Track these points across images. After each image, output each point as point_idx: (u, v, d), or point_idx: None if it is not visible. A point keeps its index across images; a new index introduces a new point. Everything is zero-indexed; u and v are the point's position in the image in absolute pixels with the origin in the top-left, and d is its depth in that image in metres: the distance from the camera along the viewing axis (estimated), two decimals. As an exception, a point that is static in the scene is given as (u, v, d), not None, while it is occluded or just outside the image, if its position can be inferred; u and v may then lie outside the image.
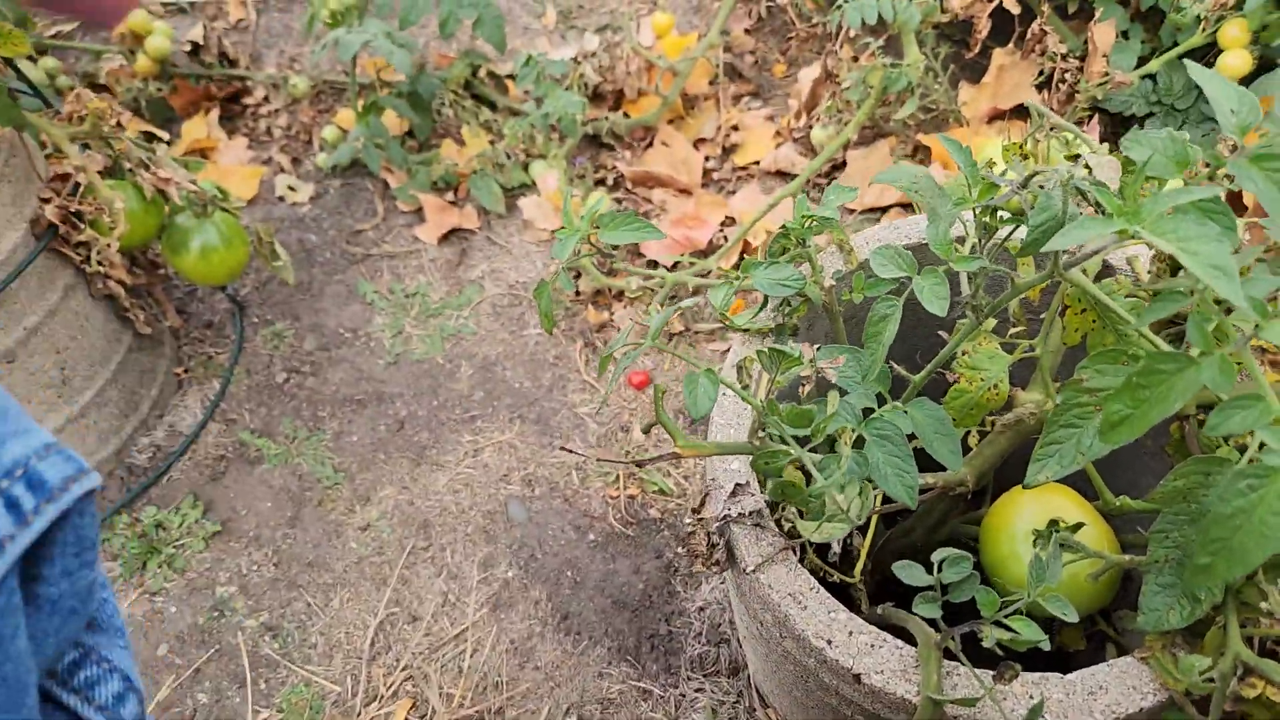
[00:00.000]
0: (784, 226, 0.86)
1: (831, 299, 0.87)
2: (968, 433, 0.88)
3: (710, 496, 0.81)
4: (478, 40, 1.89)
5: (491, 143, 1.93)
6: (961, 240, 0.93)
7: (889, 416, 0.74)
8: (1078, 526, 0.74)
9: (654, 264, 1.75)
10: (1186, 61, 0.60)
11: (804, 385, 0.73)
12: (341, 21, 1.73)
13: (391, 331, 1.77)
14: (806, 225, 0.84)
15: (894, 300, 0.74)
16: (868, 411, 0.76)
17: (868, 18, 1.48)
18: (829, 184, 1.84)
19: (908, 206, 1.74)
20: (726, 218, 1.80)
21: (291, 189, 1.98)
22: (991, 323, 0.83)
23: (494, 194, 1.86)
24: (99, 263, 1.34)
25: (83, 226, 1.32)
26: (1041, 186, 0.69)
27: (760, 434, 0.69)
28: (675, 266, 1.72)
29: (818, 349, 0.73)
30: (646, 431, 0.73)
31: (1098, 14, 1.62)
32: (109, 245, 1.31)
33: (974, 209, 0.72)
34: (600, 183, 1.91)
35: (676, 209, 1.83)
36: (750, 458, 0.78)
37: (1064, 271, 0.69)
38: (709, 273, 1.71)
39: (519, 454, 1.60)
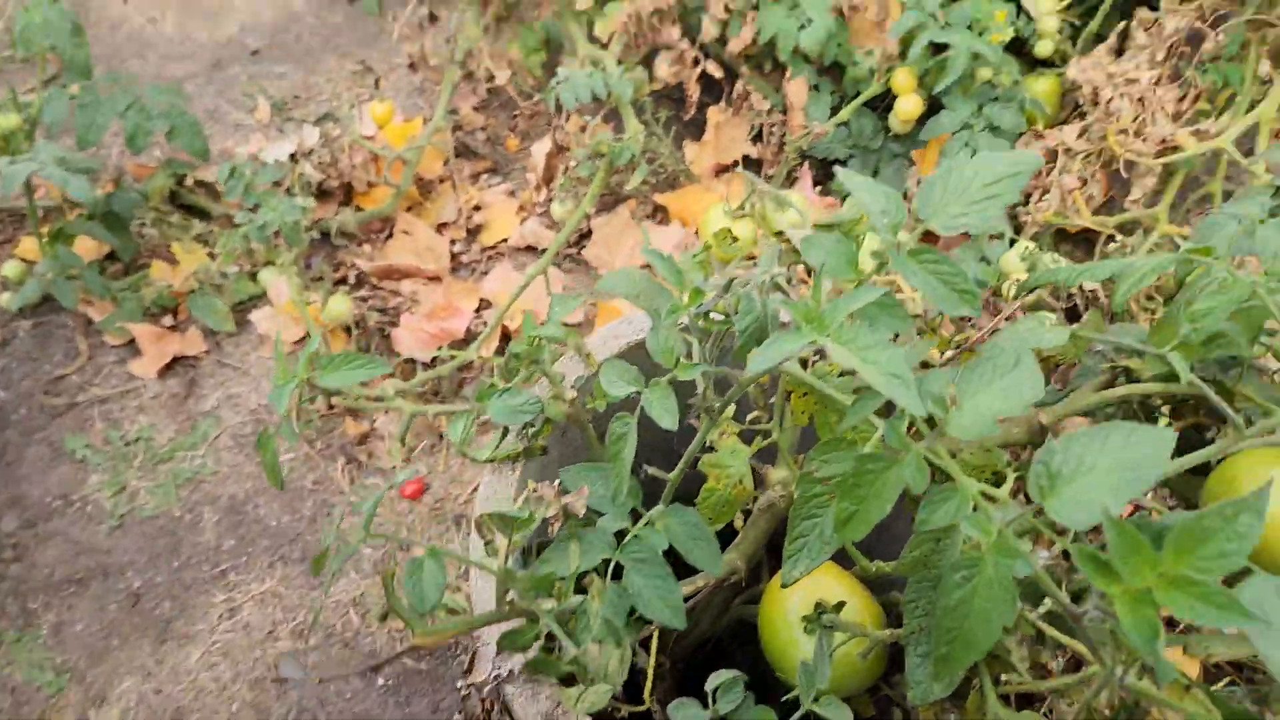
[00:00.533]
0: (512, 353, 0.83)
1: (576, 410, 0.85)
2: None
3: (478, 655, 0.75)
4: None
5: (211, 255, 1.77)
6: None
7: (643, 536, 0.72)
8: (840, 606, 0.75)
9: (411, 361, 1.66)
10: (838, 170, 0.62)
11: (553, 523, 0.70)
12: (6, 148, 1.52)
13: (112, 489, 1.55)
14: (536, 344, 0.80)
15: (628, 417, 0.72)
16: (623, 533, 0.73)
17: (581, 97, 1.50)
18: (579, 253, 1.86)
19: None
20: (481, 301, 1.75)
21: (-33, 340, 1.70)
22: (733, 410, 0.84)
23: (219, 312, 1.69)
24: None
25: None
26: (745, 285, 0.70)
27: (508, 600, 0.64)
28: (434, 361, 1.64)
29: (559, 485, 0.69)
30: (383, 620, 0.65)
31: (789, 72, 1.74)
32: None
33: (687, 314, 0.72)
34: (342, 281, 1.79)
35: (428, 298, 1.76)
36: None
37: (782, 367, 0.70)
38: (470, 364, 1.65)
39: (285, 602, 1.44)
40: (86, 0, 2.38)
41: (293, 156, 1.98)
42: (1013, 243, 1.29)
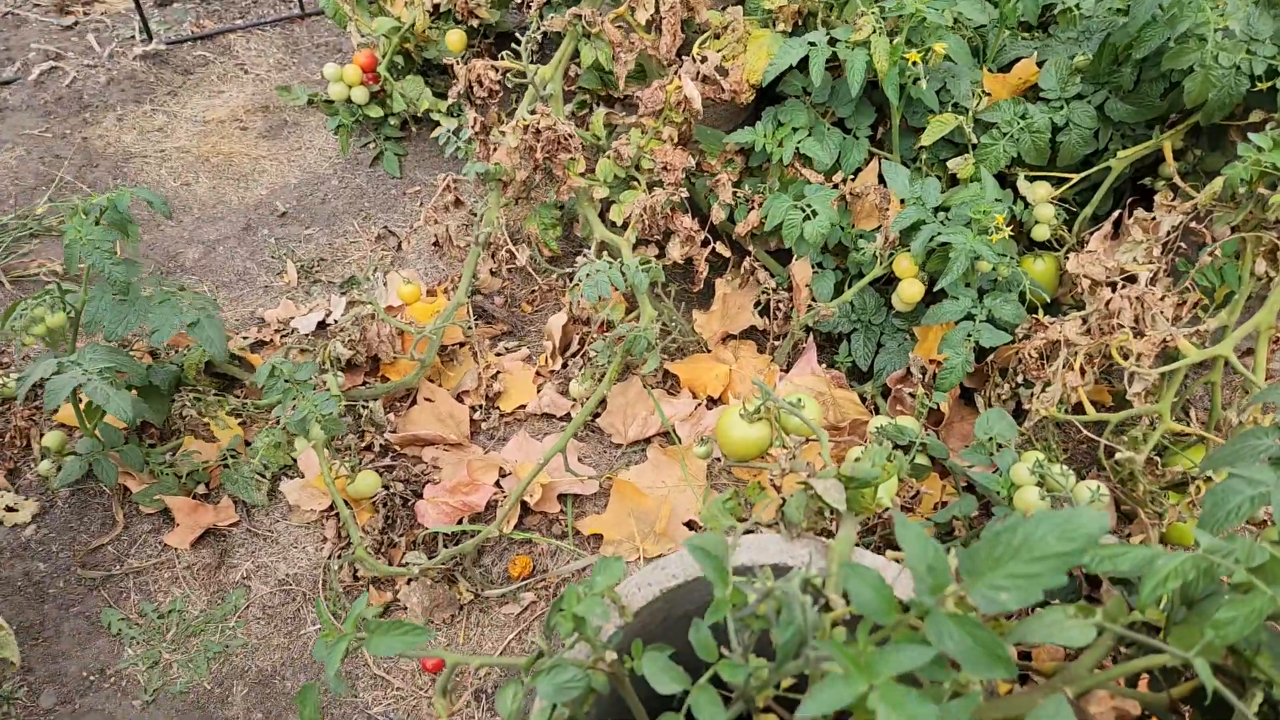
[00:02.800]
0: (560, 608, 0.85)
1: (616, 671, 0.86)
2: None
3: None
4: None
5: (243, 425, 1.79)
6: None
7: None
8: None
9: (435, 536, 1.67)
10: (896, 518, 0.65)
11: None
12: (53, 342, 1.55)
13: (146, 663, 1.54)
14: (580, 620, 0.83)
15: (674, 717, 0.74)
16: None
17: (603, 293, 1.55)
18: (593, 421, 1.89)
19: (666, 435, 1.81)
20: (501, 473, 1.77)
21: (10, 509, 1.71)
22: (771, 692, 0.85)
23: (250, 486, 1.71)
24: None
25: None
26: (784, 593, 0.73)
27: None
28: (458, 539, 1.65)
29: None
30: None
31: (794, 253, 1.81)
32: None
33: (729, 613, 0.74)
34: (367, 449, 1.82)
35: (450, 466, 1.78)
36: None
37: (818, 665, 0.73)
38: (497, 537, 1.66)
39: (314, 782, 1.42)
40: (124, 165, 2.46)
41: (321, 324, 2.03)
42: (1020, 449, 1.32)
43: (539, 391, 1.90)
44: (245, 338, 2.01)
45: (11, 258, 2.17)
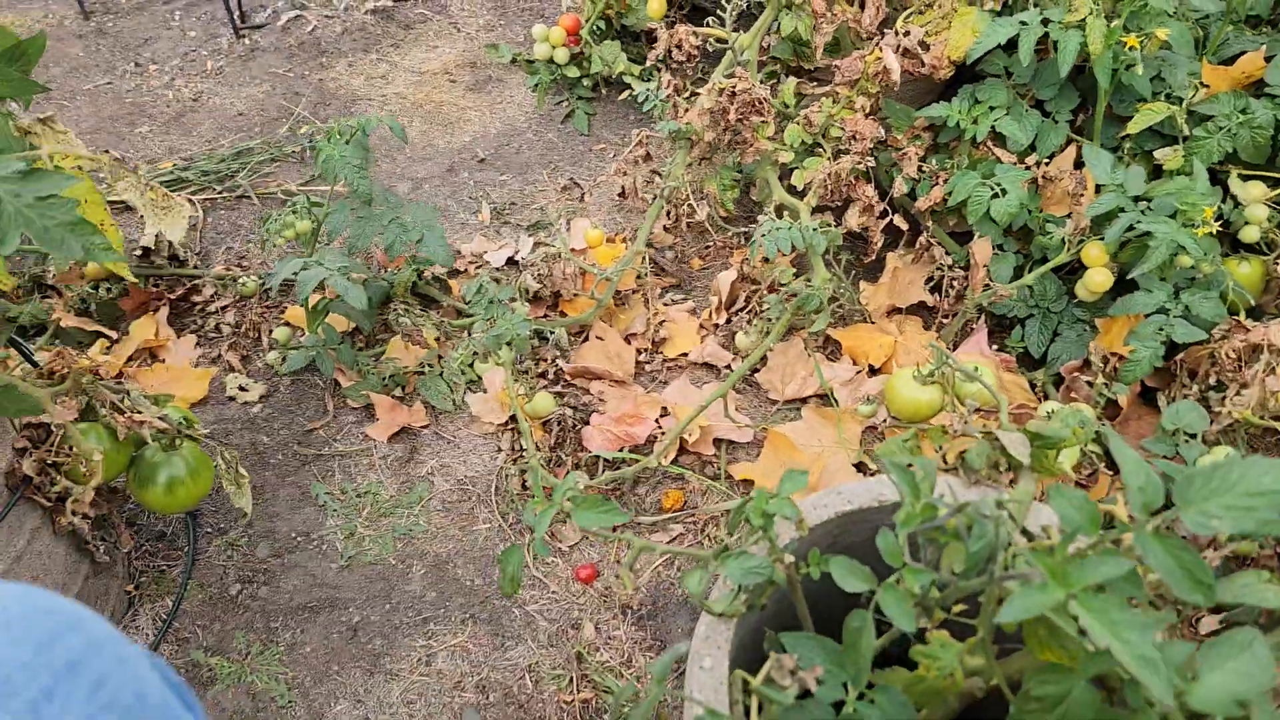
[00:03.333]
0: (742, 511, 0.90)
1: (792, 574, 0.91)
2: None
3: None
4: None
5: (438, 340, 1.95)
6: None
7: (862, 712, 0.77)
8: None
9: (597, 460, 1.77)
10: (1108, 434, 0.67)
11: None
12: (299, 244, 1.74)
13: (344, 533, 1.72)
14: (769, 519, 0.88)
15: (864, 613, 0.78)
16: (839, 704, 0.79)
17: (783, 249, 1.59)
18: (753, 375, 1.93)
19: (824, 398, 1.83)
20: (662, 409, 1.85)
21: (242, 389, 1.93)
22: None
23: (442, 394, 1.86)
24: (73, 511, 1.27)
25: (58, 477, 1.26)
26: (980, 513, 0.75)
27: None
28: (619, 465, 1.74)
29: (798, 660, 0.75)
30: None
31: (976, 232, 1.78)
32: (84, 492, 1.25)
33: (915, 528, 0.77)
34: (542, 375, 1.94)
35: (614, 400, 1.87)
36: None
37: (1001, 584, 0.75)
38: (654, 468, 1.74)
39: (472, 658, 1.56)
40: (351, 105, 2.68)
41: (510, 260, 2.17)
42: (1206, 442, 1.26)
43: (702, 343, 1.96)
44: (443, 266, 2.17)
45: (255, 176, 2.43)
